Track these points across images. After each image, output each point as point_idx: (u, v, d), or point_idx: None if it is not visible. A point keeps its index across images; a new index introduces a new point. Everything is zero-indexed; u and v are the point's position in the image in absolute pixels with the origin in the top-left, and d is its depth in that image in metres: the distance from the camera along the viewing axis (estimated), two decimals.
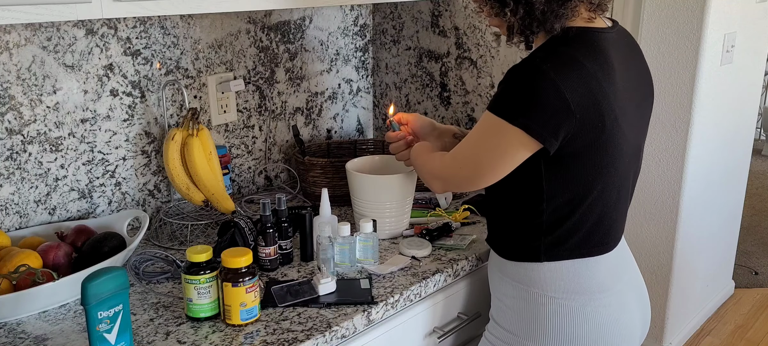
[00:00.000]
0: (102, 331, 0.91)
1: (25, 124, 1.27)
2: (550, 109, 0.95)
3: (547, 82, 0.95)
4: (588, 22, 1.03)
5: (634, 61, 1.10)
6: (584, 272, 1.08)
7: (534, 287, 1.09)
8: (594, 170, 1.02)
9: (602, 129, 0.99)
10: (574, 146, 0.99)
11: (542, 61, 0.97)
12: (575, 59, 0.97)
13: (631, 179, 1.11)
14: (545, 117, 0.95)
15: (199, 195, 1.39)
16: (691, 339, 2.59)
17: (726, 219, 2.68)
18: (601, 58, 1.00)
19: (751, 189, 3.42)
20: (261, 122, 1.69)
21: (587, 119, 0.97)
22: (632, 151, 1.08)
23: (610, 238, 1.10)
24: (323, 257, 1.19)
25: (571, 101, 0.95)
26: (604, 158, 1.02)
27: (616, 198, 1.08)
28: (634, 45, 1.13)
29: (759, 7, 2.41)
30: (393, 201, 1.35)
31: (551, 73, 0.95)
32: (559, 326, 1.08)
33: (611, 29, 1.06)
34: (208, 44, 1.54)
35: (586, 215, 1.05)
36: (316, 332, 1.03)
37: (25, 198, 1.30)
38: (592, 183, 1.03)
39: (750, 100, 2.60)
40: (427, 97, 1.90)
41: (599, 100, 0.97)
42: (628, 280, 1.14)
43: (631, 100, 1.04)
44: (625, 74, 1.03)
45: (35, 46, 1.26)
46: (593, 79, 0.97)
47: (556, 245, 1.07)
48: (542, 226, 1.06)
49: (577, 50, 0.99)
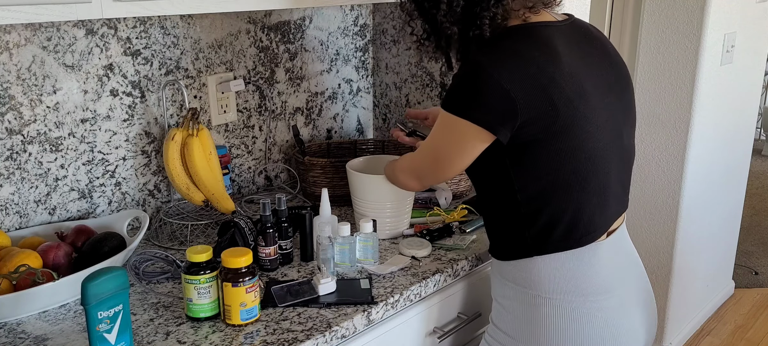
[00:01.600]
0: (102, 331, 0.91)
1: (25, 124, 1.27)
2: (492, 100, 0.99)
3: (483, 74, 1.00)
4: (525, 21, 1.06)
5: (592, 47, 1.10)
6: (580, 270, 1.07)
7: (531, 289, 1.09)
8: (558, 156, 1.03)
9: (556, 114, 1.00)
10: (530, 133, 1.01)
11: (479, 55, 1.02)
12: (512, 49, 1.02)
13: (613, 163, 1.09)
14: (488, 108, 1.00)
15: (199, 195, 1.39)
16: (691, 339, 2.59)
17: (726, 219, 2.68)
18: (541, 45, 1.03)
19: (751, 189, 3.42)
20: (261, 122, 1.69)
21: (533, 105, 0.99)
22: (608, 136, 1.07)
23: (597, 226, 1.08)
24: (323, 257, 1.19)
25: (510, 90, 0.98)
26: (567, 143, 1.02)
27: (597, 184, 1.07)
28: (592, 33, 1.14)
29: (759, 7, 2.41)
30: (393, 201, 1.35)
31: (486, 65, 1.00)
32: (557, 328, 1.07)
33: (561, 22, 1.09)
34: (208, 44, 1.54)
35: (564, 203, 1.05)
36: (316, 332, 1.03)
37: (25, 198, 1.30)
38: (560, 169, 1.04)
39: (750, 100, 2.60)
40: (427, 98, 1.90)
41: (544, 85, 0.99)
42: (632, 285, 1.13)
43: (592, 85, 1.05)
44: (577, 61, 1.05)
45: (35, 46, 1.26)
46: (533, 65, 1.00)
47: (542, 238, 1.07)
48: (522, 218, 1.07)
49: (515, 42, 1.03)
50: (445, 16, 1.07)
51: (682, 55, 2.12)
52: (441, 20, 1.07)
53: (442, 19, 1.07)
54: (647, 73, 2.26)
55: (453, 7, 1.06)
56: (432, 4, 1.08)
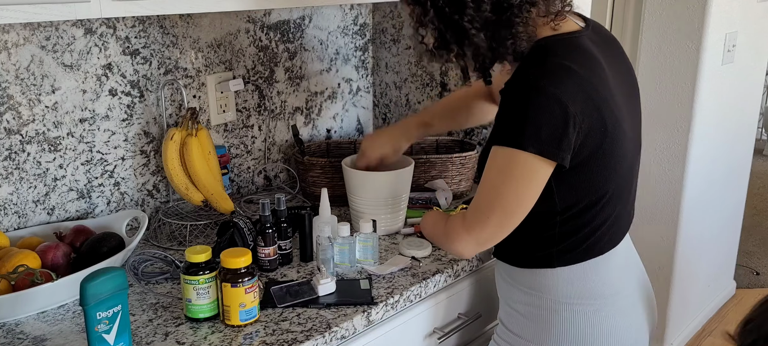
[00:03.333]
0: (101, 331, 0.90)
1: (23, 124, 1.27)
2: (558, 126, 0.92)
3: (547, 98, 0.92)
4: (555, 30, 1.00)
5: (614, 54, 1.09)
6: (596, 275, 1.07)
7: (547, 294, 1.07)
8: (602, 175, 1.01)
9: (605, 133, 0.97)
10: (582, 155, 0.97)
11: (538, 78, 0.94)
12: (568, 68, 0.95)
13: (635, 173, 1.11)
14: (555, 135, 0.92)
15: (198, 195, 1.38)
16: (692, 340, 2.58)
17: (727, 219, 2.67)
18: (590, 61, 0.98)
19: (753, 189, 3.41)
20: (260, 122, 1.69)
21: (590, 126, 0.95)
22: (633, 146, 1.07)
23: (619, 234, 1.09)
24: (323, 257, 1.19)
25: (574, 112, 0.92)
26: (610, 161, 1.00)
27: (625, 197, 1.08)
28: (609, 38, 1.11)
29: (760, 6, 2.41)
30: (388, 198, 1.35)
31: (550, 87, 0.92)
32: (572, 333, 1.07)
33: (587, 29, 1.04)
34: (208, 43, 1.53)
35: (598, 219, 1.04)
36: (315, 333, 1.02)
37: (24, 198, 1.30)
38: (603, 187, 1.02)
39: (751, 100, 2.59)
40: (427, 97, 1.90)
41: (598, 104, 0.96)
42: (636, 283, 1.14)
43: (621, 95, 1.03)
44: (609, 70, 1.02)
45: (34, 46, 1.25)
46: (589, 85, 0.95)
47: (570, 251, 1.05)
48: (556, 236, 1.04)
49: (565, 58, 0.96)
50: (470, 22, 0.96)
51: (683, 54, 2.11)
52: (466, 26, 0.96)
53: (466, 25, 0.96)
54: (648, 72, 2.26)
55: (481, 11, 0.95)
56: (455, 8, 0.96)
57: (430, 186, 1.59)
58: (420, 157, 1.56)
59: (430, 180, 1.60)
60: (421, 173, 1.58)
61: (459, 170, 1.61)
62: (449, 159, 1.59)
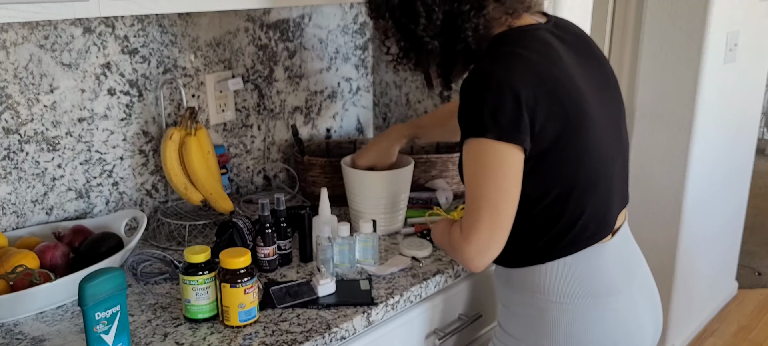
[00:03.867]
0: (99, 332, 0.90)
1: (22, 123, 1.27)
2: (511, 110, 0.95)
3: (497, 83, 0.95)
4: (514, 22, 1.04)
5: (579, 47, 1.09)
6: (588, 271, 1.06)
7: (540, 293, 1.07)
8: (570, 164, 1.02)
9: (565, 116, 0.98)
10: (545, 141, 0.98)
11: (489, 67, 0.98)
12: (517, 54, 0.99)
13: (617, 162, 1.09)
14: (510, 118, 0.95)
15: (197, 195, 1.38)
16: (694, 340, 2.58)
17: (729, 219, 2.66)
18: (544, 48, 1.01)
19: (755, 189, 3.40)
20: (260, 121, 1.68)
21: (547, 108, 0.97)
22: (610, 134, 1.07)
23: (606, 223, 1.08)
24: (322, 257, 1.18)
25: (526, 96, 0.95)
26: (576, 149, 1.01)
27: (605, 184, 1.06)
28: (578, 33, 1.12)
29: (762, 5, 2.40)
30: (388, 197, 1.34)
31: (499, 72, 0.96)
32: (567, 332, 1.06)
33: (547, 23, 1.07)
34: (207, 42, 1.53)
35: (578, 207, 1.04)
36: (315, 334, 1.02)
37: (22, 198, 1.29)
38: (572, 177, 1.02)
39: (753, 99, 2.59)
40: (427, 96, 1.89)
41: (554, 88, 0.97)
42: (638, 283, 1.13)
43: (590, 86, 1.04)
44: (572, 59, 1.03)
45: (32, 45, 1.25)
46: (540, 69, 0.98)
47: (555, 243, 1.05)
48: (535, 227, 1.05)
49: (516, 46, 1.00)
50: (424, 31, 1.03)
51: (685, 53, 2.11)
52: (420, 35, 1.03)
53: (421, 34, 1.03)
54: (650, 72, 2.25)
55: (433, 21, 1.02)
56: (409, 19, 1.03)
57: (430, 186, 1.59)
58: (420, 157, 1.55)
59: (430, 180, 1.59)
60: (421, 173, 1.57)
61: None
62: (449, 159, 1.59)
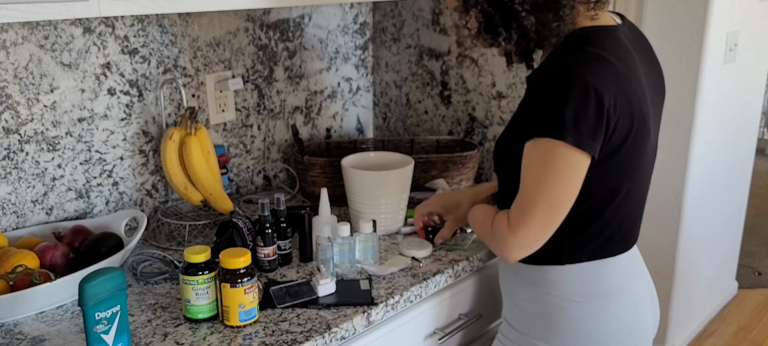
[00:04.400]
0: (99, 332, 0.90)
1: (22, 123, 1.26)
2: (593, 117, 0.91)
3: (585, 87, 0.90)
4: (594, 21, 1.01)
5: (647, 56, 1.08)
6: (604, 274, 1.06)
7: (553, 291, 1.07)
8: (622, 172, 1.00)
9: (631, 130, 0.96)
10: (608, 148, 0.96)
11: (575, 66, 0.92)
12: (605, 58, 0.94)
13: (650, 176, 1.10)
14: (591, 126, 0.91)
15: (197, 195, 1.38)
16: (694, 340, 2.57)
17: (729, 219, 2.66)
18: (626, 55, 0.97)
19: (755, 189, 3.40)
20: (260, 121, 1.68)
21: (620, 120, 0.94)
22: (653, 149, 1.07)
23: (631, 236, 1.09)
24: (322, 257, 1.18)
25: (608, 104, 0.91)
26: (631, 160, 0.99)
27: (639, 197, 1.07)
28: (644, 40, 1.11)
29: (762, 5, 2.40)
30: (388, 197, 1.34)
31: (587, 76, 0.91)
32: (578, 330, 1.06)
33: (623, 25, 1.04)
34: (207, 43, 1.53)
35: (612, 217, 1.03)
36: (315, 334, 1.01)
37: (22, 198, 1.29)
38: (620, 185, 1.01)
39: (753, 99, 2.59)
40: (427, 96, 1.89)
41: (630, 99, 0.95)
42: (641, 281, 1.13)
43: (651, 97, 1.03)
44: (643, 69, 1.02)
45: (32, 45, 1.25)
46: (623, 78, 0.94)
47: (580, 248, 1.04)
48: (566, 230, 1.02)
49: (603, 49, 0.95)
50: (521, 4, 0.96)
51: (685, 53, 2.10)
52: (516, 8, 0.96)
53: (518, 8, 0.96)
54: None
55: None
56: None
57: (430, 186, 1.59)
58: (420, 157, 1.55)
59: (431, 180, 1.59)
60: (421, 173, 1.57)
61: (459, 170, 1.61)
62: (449, 159, 1.59)
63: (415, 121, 1.94)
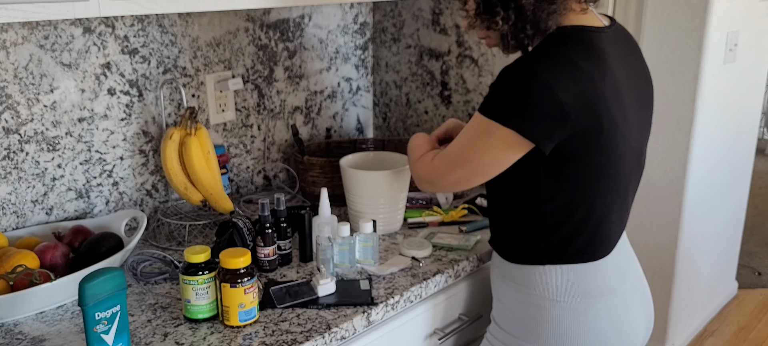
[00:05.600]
0: (99, 332, 0.90)
1: (22, 123, 1.26)
2: (543, 111, 0.94)
3: (539, 83, 0.93)
4: (582, 17, 1.01)
5: (632, 60, 1.08)
6: (587, 276, 1.06)
7: (536, 291, 1.08)
8: (593, 172, 1.01)
9: (600, 131, 0.97)
10: (572, 148, 0.97)
11: (535, 62, 0.96)
12: (570, 60, 0.96)
13: (632, 181, 1.10)
14: (538, 118, 0.94)
15: (197, 195, 1.38)
16: (694, 340, 2.57)
17: (729, 219, 2.66)
18: (596, 58, 0.98)
19: (755, 189, 3.41)
20: (260, 121, 1.68)
21: (583, 121, 0.95)
22: (634, 153, 1.07)
23: (611, 241, 1.09)
24: (322, 257, 1.18)
25: (564, 103, 0.93)
26: (602, 160, 1.00)
27: (618, 201, 1.07)
28: (632, 44, 1.11)
29: (762, 5, 2.40)
30: (386, 197, 1.34)
31: (544, 74, 0.94)
32: (562, 330, 1.06)
33: (609, 28, 1.04)
34: (207, 42, 1.53)
35: (588, 218, 1.04)
36: (315, 334, 1.01)
37: (22, 198, 1.29)
38: (592, 185, 1.02)
39: (753, 100, 2.59)
40: (427, 96, 1.89)
41: (595, 101, 0.96)
42: (631, 282, 1.13)
43: (631, 101, 1.03)
44: (622, 74, 1.01)
45: (32, 45, 1.25)
46: (588, 80, 0.95)
47: (559, 249, 1.05)
48: (543, 228, 1.05)
49: (572, 50, 0.97)
50: None
51: (685, 53, 2.10)
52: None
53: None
54: (649, 71, 2.24)
55: None
56: None
57: None
58: None
59: None
60: None
61: None
62: None
63: (415, 122, 1.94)
